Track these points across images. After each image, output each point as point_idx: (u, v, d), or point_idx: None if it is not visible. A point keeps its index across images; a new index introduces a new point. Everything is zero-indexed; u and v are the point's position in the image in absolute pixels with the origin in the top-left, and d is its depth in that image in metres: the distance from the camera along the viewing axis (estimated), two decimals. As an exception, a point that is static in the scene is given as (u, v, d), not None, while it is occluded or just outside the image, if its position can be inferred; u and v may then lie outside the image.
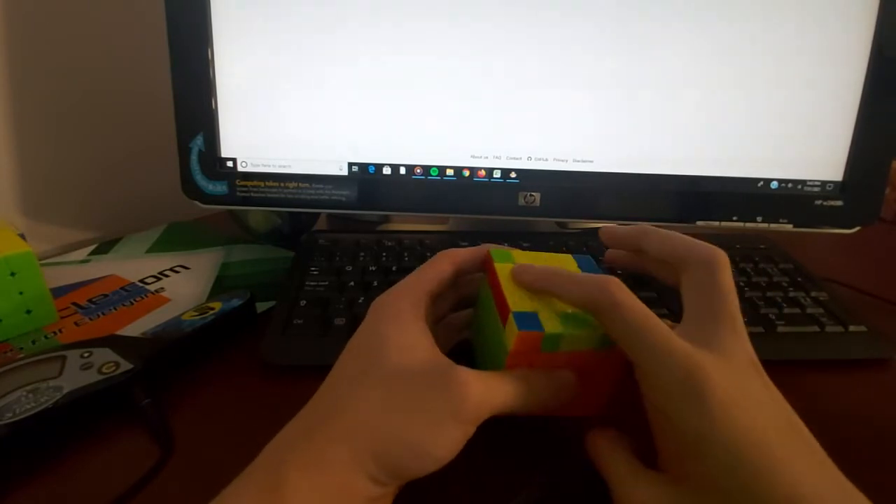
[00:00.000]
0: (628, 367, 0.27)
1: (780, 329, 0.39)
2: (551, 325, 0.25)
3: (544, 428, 0.32)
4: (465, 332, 0.33)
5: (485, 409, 0.24)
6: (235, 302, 0.40)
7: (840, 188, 0.47)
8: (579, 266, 0.30)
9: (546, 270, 0.27)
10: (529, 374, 0.26)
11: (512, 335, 0.25)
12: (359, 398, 0.24)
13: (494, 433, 0.31)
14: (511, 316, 0.25)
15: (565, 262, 0.31)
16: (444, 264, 0.29)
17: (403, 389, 0.24)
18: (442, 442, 0.23)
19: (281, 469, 0.22)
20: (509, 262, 0.29)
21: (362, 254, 0.46)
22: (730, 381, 0.22)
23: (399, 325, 0.26)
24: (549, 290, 0.27)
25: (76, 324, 0.41)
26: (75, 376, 0.31)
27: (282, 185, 0.47)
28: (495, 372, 0.26)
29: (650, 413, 0.25)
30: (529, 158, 0.47)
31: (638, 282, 0.41)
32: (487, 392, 0.24)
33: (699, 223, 0.48)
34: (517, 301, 0.26)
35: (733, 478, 0.21)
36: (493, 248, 0.29)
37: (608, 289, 0.24)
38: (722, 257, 0.27)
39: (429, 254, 0.46)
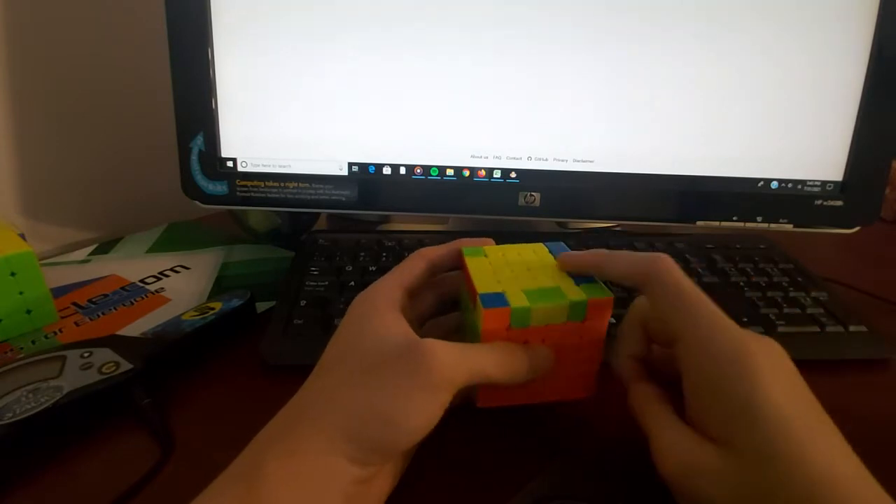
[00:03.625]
0: (604, 345, 0.29)
1: (781, 329, 0.39)
2: (517, 300, 0.27)
3: (548, 426, 0.32)
4: (455, 336, 0.33)
5: (456, 376, 0.24)
6: (235, 302, 0.40)
7: (840, 188, 0.47)
8: (551, 252, 0.32)
9: (593, 252, 0.29)
10: (504, 344, 0.27)
11: (481, 314, 0.26)
12: (333, 385, 0.25)
13: (500, 431, 0.31)
14: (478, 297, 0.27)
15: (538, 250, 0.32)
16: (418, 261, 0.30)
17: (374, 367, 0.24)
18: (413, 411, 0.23)
19: (258, 461, 0.23)
20: (480, 255, 0.31)
21: (362, 254, 0.46)
22: (771, 363, 0.24)
23: (374, 316, 0.27)
24: (598, 268, 0.29)
25: (76, 324, 0.41)
26: (75, 376, 0.31)
27: (282, 185, 0.47)
28: (470, 343, 0.26)
29: (692, 381, 0.25)
30: (529, 158, 0.46)
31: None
32: (457, 359, 0.24)
33: (699, 223, 0.48)
34: (484, 285, 0.28)
35: (774, 447, 0.22)
36: (466, 247, 0.31)
37: (663, 262, 0.27)
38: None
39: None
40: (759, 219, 0.47)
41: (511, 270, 0.29)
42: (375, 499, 0.25)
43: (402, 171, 0.47)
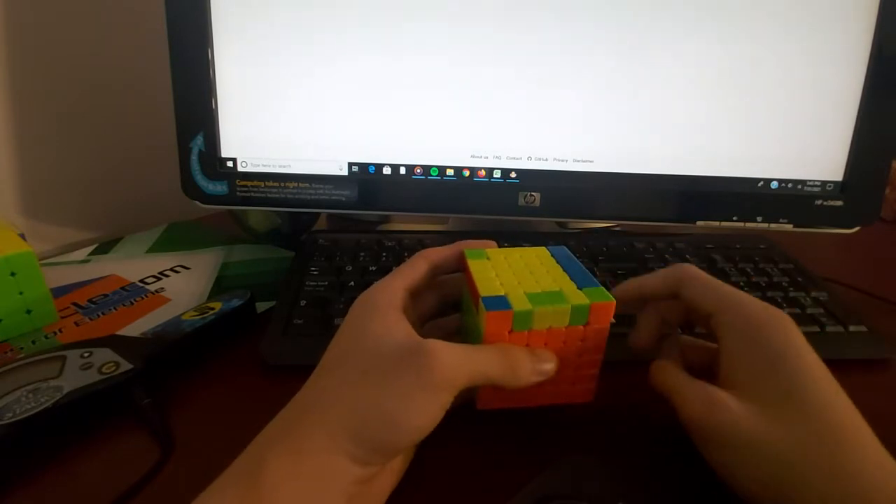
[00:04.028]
0: (605, 349, 0.29)
1: (780, 329, 0.39)
2: (520, 303, 0.27)
3: (549, 426, 0.32)
4: (456, 338, 0.33)
5: (458, 377, 0.24)
6: (235, 302, 0.40)
7: (840, 188, 0.47)
8: (553, 255, 0.32)
9: (630, 280, 0.33)
10: (506, 346, 0.27)
11: (483, 317, 0.26)
12: (334, 384, 0.25)
13: (500, 431, 0.31)
14: (481, 300, 0.27)
15: (540, 253, 0.32)
16: (420, 262, 0.30)
17: (376, 367, 0.24)
18: (414, 411, 0.23)
19: (260, 460, 0.23)
20: (483, 257, 0.30)
21: (362, 254, 0.46)
22: (798, 332, 0.27)
23: (376, 317, 0.27)
24: (639, 289, 0.32)
25: (76, 324, 0.41)
26: (75, 376, 0.31)
27: (282, 185, 0.47)
28: (473, 345, 0.26)
29: (729, 337, 0.28)
30: (529, 158, 0.46)
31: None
32: (459, 360, 0.25)
33: (699, 223, 0.48)
34: (487, 287, 0.27)
35: (805, 392, 0.25)
36: (468, 249, 0.31)
37: (691, 267, 0.31)
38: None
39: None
40: (759, 219, 0.47)
41: (513, 273, 0.29)
42: (376, 498, 0.25)
43: (402, 171, 0.47)
